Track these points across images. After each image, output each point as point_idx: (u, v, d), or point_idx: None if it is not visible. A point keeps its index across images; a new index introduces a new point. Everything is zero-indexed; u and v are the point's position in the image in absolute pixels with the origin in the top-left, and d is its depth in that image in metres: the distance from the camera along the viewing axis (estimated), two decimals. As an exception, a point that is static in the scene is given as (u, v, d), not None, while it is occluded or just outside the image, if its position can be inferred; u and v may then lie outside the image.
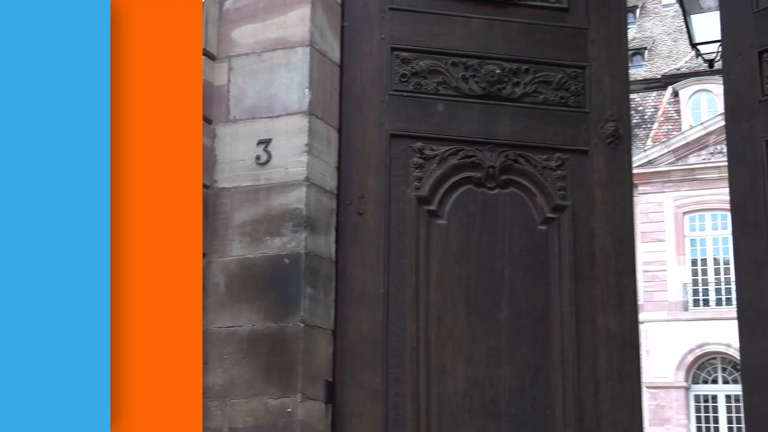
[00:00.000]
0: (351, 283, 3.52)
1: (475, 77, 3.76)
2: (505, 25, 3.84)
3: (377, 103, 3.69)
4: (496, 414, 3.53)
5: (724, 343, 26.83)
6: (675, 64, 30.21)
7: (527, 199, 3.73)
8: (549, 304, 3.66)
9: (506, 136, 3.75)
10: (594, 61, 3.91)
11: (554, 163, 3.78)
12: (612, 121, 3.88)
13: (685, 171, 27.98)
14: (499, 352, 3.57)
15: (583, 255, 3.71)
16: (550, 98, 3.84)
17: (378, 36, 3.74)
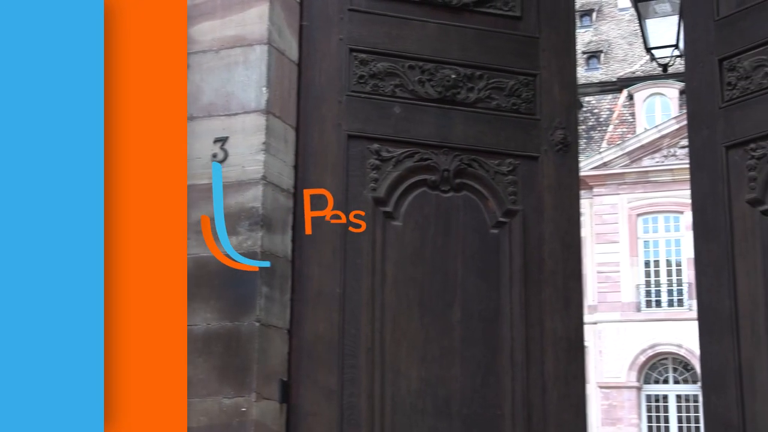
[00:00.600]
0: (307, 282, 3.52)
1: (431, 81, 3.80)
2: (460, 30, 3.89)
3: (335, 104, 3.69)
4: (448, 414, 3.58)
5: (675, 344, 27.22)
6: (630, 68, 30.57)
7: (480, 203, 3.79)
8: (500, 307, 3.72)
9: (460, 141, 3.80)
10: (544, 69, 3.98)
11: (506, 168, 3.84)
12: (561, 129, 3.94)
13: (639, 173, 28.33)
14: (452, 353, 3.62)
15: (532, 259, 3.79)
16: (503, 104, 3.90)
17: (337, 36, 3.74)
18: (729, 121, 3.74)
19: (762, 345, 3.53)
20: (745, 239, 3.63)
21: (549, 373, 3.70)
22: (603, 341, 27.91)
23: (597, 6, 34.07)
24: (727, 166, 3.72)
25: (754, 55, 3.68)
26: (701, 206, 3.80)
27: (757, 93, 3.67)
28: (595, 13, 33.87)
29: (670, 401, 27.59)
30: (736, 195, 3.68)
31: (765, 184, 3.60)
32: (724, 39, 3.81)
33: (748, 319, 3.58)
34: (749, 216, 3.64)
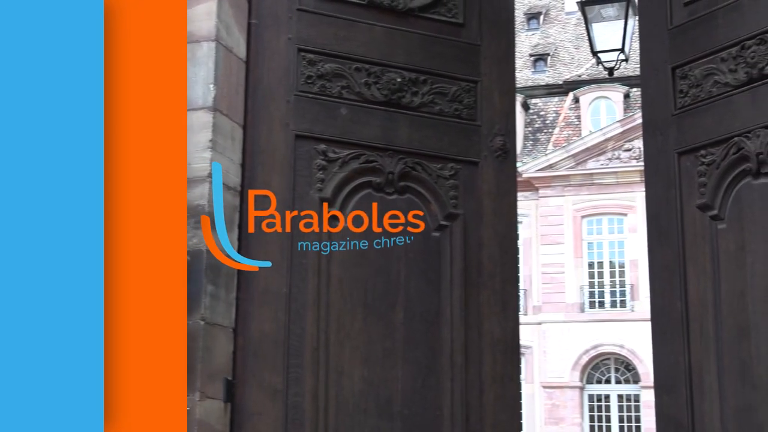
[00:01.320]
0: (254, 281, 3.51)
1: (377, 84, 3.83)
2: (406, 35, 3.92)
3: (284, 103, 3.68)
4: (390, 414, 3.61)
5: (617, 344, 27.57)
6: (576, 71, 30.90)
7: (422, 206, 3.83)
8: (440, 309, 3.77)
9: (405, 144, 3.84)
10: (485, 76, 4.05)
11: (448, 173, 3.89)
12: (500, 136, 4.02)
13: (584, 176, 28.65)
14: (394, 353, 3.65)
15: (472, 262, 3.85)
16: (446, 110, 3.95)
17: (285, 36, 3.73)
18: (681, 128, 3.82)
19: (710, 347, 3.61)
20: (695, 243, 3.71)
21: (486, 374, 3.78)
22: (547, 341, 28.17)
23: (544, 9, 34.37)
24: (679, 172, 3.80)
25: (705, 64, 3.76)
26: (655, 211, 3.88)
27: (706, 101, 3.75)
28: (542, 17, 34.16)
29: (612, 401, 27.94)
30: (687, 200, 3.76)
31: (714, 190, 3.68)
32: (676, 48, 3.88)
33: (698, 322, 3.66)
34: (699, 221, 3.71)
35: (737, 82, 3.63)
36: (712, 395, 3.57)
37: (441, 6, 4.02)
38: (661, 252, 3.83)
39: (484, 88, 4.03)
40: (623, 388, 27.89)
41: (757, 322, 3.47)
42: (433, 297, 3.77)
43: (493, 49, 4.10)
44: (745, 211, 3.58)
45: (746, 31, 3.61)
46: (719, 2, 3.74)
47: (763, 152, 3.50)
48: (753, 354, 3.46)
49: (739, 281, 3.55)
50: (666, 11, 3.94)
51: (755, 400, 3.43)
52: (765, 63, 3.53)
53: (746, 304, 3.51)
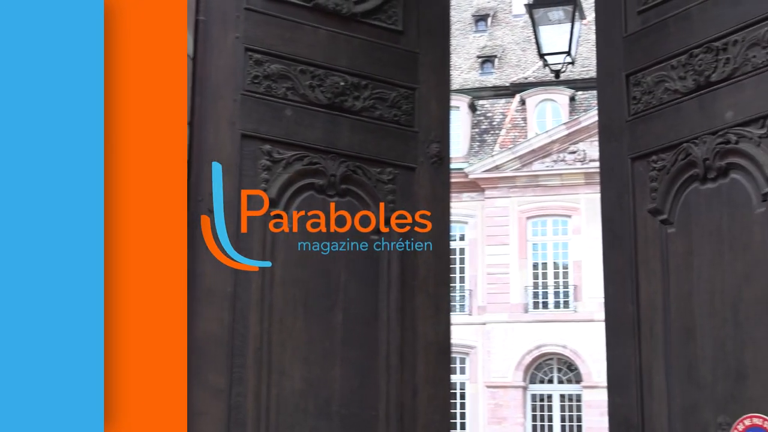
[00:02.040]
0: (199, 280, 3.49)
1: (321, 87, 3.86)
2: (349, 39, 3.97)
3: (230, 102, 3.67)
4: (328, 414, 3.65)
5: (560, 345, 27.86)
6: (523, 73, 31.14)
7: (361, 209, 3.88)
8: (378, 311, 3.83)
9: (346, 147, 3.88)
10: (423, 84, 4.12)
11: (386, 177, 3.95)
12: (436, 143, 4.09)
13: (530, 177, 28.91)
14: (333, 354, 3.69)
15: (407, 266, 3.92)
16: (385, 115, 4.01)
17: (233, 34, 3.71)
18: (634, 134, 3.91)
19: (659, 348, 3.69)
20: (647, 247, 3.79)
21: (420, 376, 3.85)
22: (491, 341, 28.37)
23: (492, 11, 34.59)
24: (633, 178, 3.88)
25: (656, 71, 3.84)
26: (609, 216, 3.97)
27: (658, 107, 3.82)
28: (490, 19, 34.37)
29: (554, 400, 28.24)
30: (640, 205, 3.84)
31: (664, 194, 3.76)
32: (630, 55, 3.96)
33: (648, 324, 3.74)
34: (650, 225, 3.79)
35: (686, 89, 3.71)
36: (661, 395, 3.65)
37: (382, 13, 4.08)
38: (615, 256, 3.92)
39: (421, 95, 4.11)
40: (565, 388, 28.19)
41: (702, 323, 3.55)
42: (370, 299, 3.83)
43: (430, 58, 4.17)
44: (692, 216, 3.66)
45: (694, 40, 3.69)
46: (670, 11, 3.82)
47: (709, 158, 3.58)
48: (698, 355, 3.55)
49: (687, 284, 3.63)
50: (621, 19, 4.03)
51: (700, 399, 3.52)
52: (711, 71, 3.61)
53: (692, 306, 3.60)
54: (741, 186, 3.51)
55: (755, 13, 3.49)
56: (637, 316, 3.78)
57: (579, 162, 28.13)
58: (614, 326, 3.90)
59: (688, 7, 3.74)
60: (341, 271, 3.78)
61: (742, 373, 3.39)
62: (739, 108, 3.52)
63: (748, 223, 3.45)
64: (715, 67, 3.60)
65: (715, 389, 3.48)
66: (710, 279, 3.55)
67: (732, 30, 3.56)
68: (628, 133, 3.94)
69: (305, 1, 3.89)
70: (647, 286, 3.77)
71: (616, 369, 3.87)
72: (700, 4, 3.69)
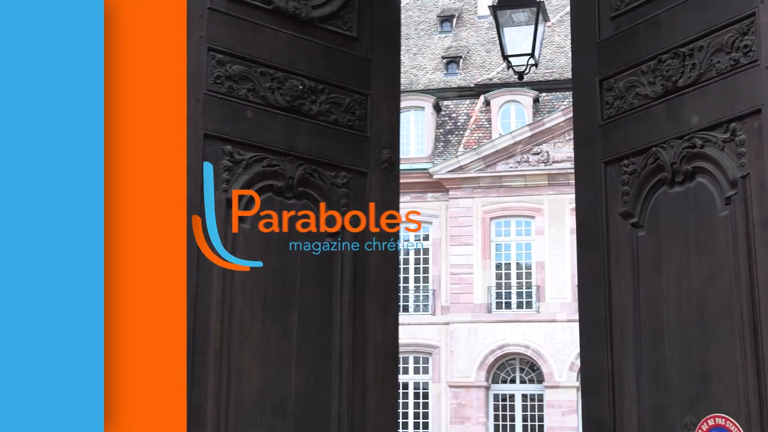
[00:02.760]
0: (163, 280, 3.47)
1: (281, 89, 3.89)
2: (307, 43, 4.01)
3: (194, 101, 3.65)
4: (284, 415, 3.69)
5: (523, 345, 28.00)
6: (488, 74, 31.26)
7: (317, 212, 3.92)
8: (331, 313, 3.89)
9: (304, 150, 3.92)
10: (375, 90, 4.18)
11: (340, 181, 4.01)
12: (387, 148, 4.17)
13: (494, 178, 29.03)
14: (289, 355, 3.73)
15: (359, 269, 3.99)
16: (340, 119, 4.06)
17: (197, 33, 3.70)
18: (607, 139, 3.96)
19: (629, 350, 3.75)
20: (619, 250, 3.85)
21: (369, 377, 3.91)
22: (454, 341, 28.46)
23: (457, 12, 34.69)
24: (605, 182, 3.94)
25: (628, 76, 3.89)
26: (583, 219, 4.04)
27: (629, 112, 3.88)
28: (455, 20, 34.47)
29: (516, 400, 28.38)
30: (612, 208, 3.90)
31: (635, 198, 3.81)
32: (603, 60, 4.02)
33: (619, 326, 3.80)
34: (622, 228, 3.85)
35: (655, 94, 3.76)
36: (631, 396, 3.71)
37: (338, 18, 4.13)
38: (588, 259, 3.98)
39: (373, 101, 4.17)
40: (528, 388, 28.35)
41: (670, 325, 3.61)
42: (325, 301, 3.88)
43: (382, 64, 4.24)
44: (661, 219, 3.72)
45: (662, 46, 3.74)
46: (640, 17, 3.87)
47: (677, 162, 3.64)
48: (666, 356, 3.61)
49: (655, 286, 3.69)
50: (594, 25, 4.08)
51: (668, 400, 3.58)
52: (679, 76, 3.66)
53: (661, 308, 3.65)
54: (706, 189, 3.56)
55: (720, 18, 3.53)
56: (609, 319, 3.83)
57: (542, 163, 28.30)
58: (587, 328, 3.95)
59: (657, 13, 3.80)
60: (297, 273, 3.83)
61: (706, 374, 3.45)
62: (704, 113, 3.56)
63: (713, 226, 3.50)
64: (682, 73, 3.65)
65: (681, 390, 3.53)
66: (677, 281, 3.61)
67: (698, 36, 3.61)
68: (601, 137, 3.99)
69: (265, 4, 3.91)
70: (619, 289, 3.83)
71: (590, 370, 3.92)
72: (669, 10, 3.75)
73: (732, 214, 3.43)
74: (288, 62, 3.92)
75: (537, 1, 9.49)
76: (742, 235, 3.38)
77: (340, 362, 3.85)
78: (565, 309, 27.40)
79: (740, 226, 3.40)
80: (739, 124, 3.44)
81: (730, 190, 3.45)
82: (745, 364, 3.31)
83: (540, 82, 28.90)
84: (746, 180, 3.39)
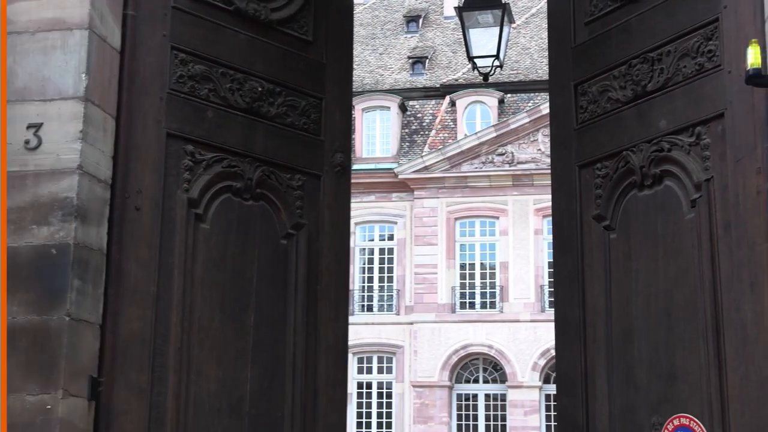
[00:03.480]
0: (125, 278, 3.44)
1: (240, 91, 3.89)
2: (266, 45, 4.02)
3: (157, 99, 3.64)
4: (240, 414, 3.70)
5: (486, 345, 28.09)
6: (453, 75, 31.31)
7: (273, 214, 3.95)
8: (286, 314, 3.91)
9: (261, 152, 3.93)
10: (329, 94, 4.22)
11: (296, 183, 4.04)
12: (340, 152, 4.21)
13: (458, 178, 29.08)
14: (245, 355, 3.75)
15: (312, 271, 4.02)
16: (296, 122, 4.09)
17: (161, 32, 3.68)
18: (581, 142, 4.02)
19: (601, 351, 3.80)
20: (592, 253, 3.90)
21: (320, 378, 3.96)
22: (418, 341, 28.48)
23: (423, 13, 34.73)
24: (580, 185, 4.00)
25: (601, 81, 3.95)
26: (559, 222, 4.09)
27: (602, 116, 3.94)
28: (421, 20, 34.51)
29: (479, 400, 28.47)
30: (586, 211, 3.96)
31: (607, 201, 3.87)
32: (578, 66, 4.07)
33: (592, 327, 3.86)
34: (595, 231, 3.91)
35: (626, 98, 3.82)
36: (603, 397, 3.77)
37: (295, 22, 4.15)
38: (564, 261, 4.03)
39: (327, 105, 4.21)
40: (490, 388, 28.44)
41: (639, 327, 3.66)
42: (279, 302, 3.90)
43: (336, 69, 4.27)
44: (631, 221, 3.77)
45: (633, 50, 3.80)
46: (613, 22, 3.92)
47: (645, 165, 3.68)
48: (636, 357, 3.65)
49: (626, 288, 3.74)
50: (570, 30, 4.13)
51: (636, 401, 3.63)
52: (648, 81, 3.71)
53: (631, 309, 3.71)
54: (673, 192, 3.61)
55: (686, 24, 3.57)
56: (583, 320, 3.89)
57: (507, 164, 28.41)
58: (563, 329, 4.00)
59: (629, 18, 3.85)
60: (254, 274, 3.84)
61: (673, 375, 3.51)
62: (671, 117, 3.61)
63: (680, 228, 3.55)
64: (651, 77, 3.69)
65: (650, 390, 3.59)
66: (646, 283, 3.67)
67: (665, 41, 3.66)
68: (576, 141, 4.05)
69: (227, 5, 3.90)
70: (592, 290, 3.89)
71: (565, 371, 3.97)
72: (639, 15, 3.80)
73: (697, 216, 3.48)
74: (247, 64, 3.93)
75: (503, 3, 9.52)
76: (706, 237, 3.43)
77: (294, 363, 3.87)
78: (529, 309, 27.53)
79: (704, 228, 3.44)
80: (704, 127, 3.48)
81: (696, 193, 3.49)
82: (708, 365, 3.35)
83: (505, 83, 29.00)
84: (710, 183, 3.43)
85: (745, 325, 3.21)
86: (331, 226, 4.12)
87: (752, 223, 3.23)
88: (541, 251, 27.63)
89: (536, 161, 28.00)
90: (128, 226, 3.47)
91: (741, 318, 3.24)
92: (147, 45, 3.64)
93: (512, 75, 29.40)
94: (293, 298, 3.93)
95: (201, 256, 3.69)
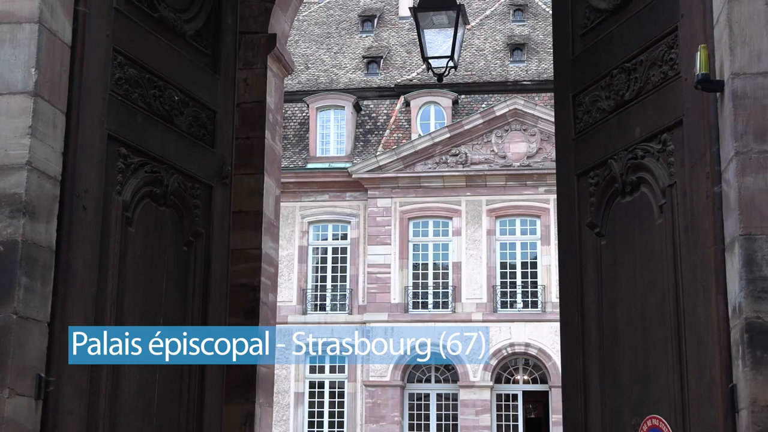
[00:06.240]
0: (72, 277, 3.40)
1: (161, 98, 3.95)
2: (181, 56, 4.10)
3: (101, 100, 3.62)
4: (149, 416, 3.77)
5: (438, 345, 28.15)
6: (408, 75, 31.36)
7: (179, 221, 4.05)
8: (185, 318, 4.02)
9: (175, 160, 4.01)
10: (220, 107, 4.34)
11: (195, 192, 4.14)
12: (227, 164, 4.36)
13: (412, 178, 29.12)
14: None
15: (206, 276, 4.15)
16: (198, 133, 4.19)
17: (105, 32, 3.65)
18: (578, 152, 4.10)
19: (594, 354, 3.89)
20: (588, 259, 3.99)
21: (207, 382, 4.08)
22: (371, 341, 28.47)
23: (378, 12, 34.73)
24: (578, 193, 4.07)
25: (592, 92, 4.02)
26: (563, 229, 4.19)
27: (593, 126, 4.02)
28: (376, 20, 34.52)
29: (431, 399, 28.55)
30: (583, 219, 4.03)
31: (598, 209, 3.94)
32: (575, 77, 4.15)
33: (588, 331, 3.94)
34: (589, 238, 3.99)
35: (609, 108, 3.89)
36: (596, 398, 3.85)
37: (200, 35, 4.25)
38: (566, 267, 4.11)
39: (219, 118, 4.32)
40: (442, 388, 28.54)
41: (623, 330, 3.75)
42: (182, 307, 4.01)
43: (224, 83, 4.39)
44: (617, 228, 3.85)
45: (614, 62, 3.86)
46: (600, 34, 4.00)
47: (624, 173, 3.72)
48: (620, 360, 3.73)
49: (613, 293, 3.82)
50: (569, 42, 4.20)
51: (621, 402, 3.71)
52: (625, 90, 3.78)
53: (617, 314, 3.79)
54: (647, 199, 3.67)
55: (654, 33, 3.64)
56: (582, 324, 3.96)
57: (461, 165, 28.51)
58: (566, 333, 4.08)
59: (611, 29, 3.92)
60: (164, 279, 3.93)
61: (647, 377, 3.59)
62: (643, 125, 3.68)
63: (652, 234, 3.62)
64: (628, 87, 3.76)
65: (631, 392, 3.67)
66: (627, 288, 3.75)
67: (639, 51, 3.73)
68: (574, 151, 4.13)
69: (152, 11, 3.93)
70: (588, 296, 3.97)
71: (568, 374, 4.06)
72: (618, 26, 3.86)
73: (663, 222, 3.54)
74: (168, 72, 3.98)
75: (457, 5, 9.56)
76: (670, 242, 3.49)
77: (190, 367, 3.94)
78: (481, 309, 27.65)
79: (668, 233, 3.51)
80: (669, 134, 3.54)
81: (662, 199, 3.55)
82: (673, 366, 3.41)
83: (459, 84, 29.11)
84: (673, 188, 3.49)
85: (699, 328, 3.26)
86: (218, 236, 4.25)
87: (703, 227, 3.27)
88: (494, 252, 27.77)
89: (489, 162, 28.13)
90: (76, 224, 3.43)
91: (696, 321, 3.29)
92: (96, 42, 3.60)
93: (466, 76, 29.51)
94: (191, 302, 4.06)
95: (128, 259, 3.72)
